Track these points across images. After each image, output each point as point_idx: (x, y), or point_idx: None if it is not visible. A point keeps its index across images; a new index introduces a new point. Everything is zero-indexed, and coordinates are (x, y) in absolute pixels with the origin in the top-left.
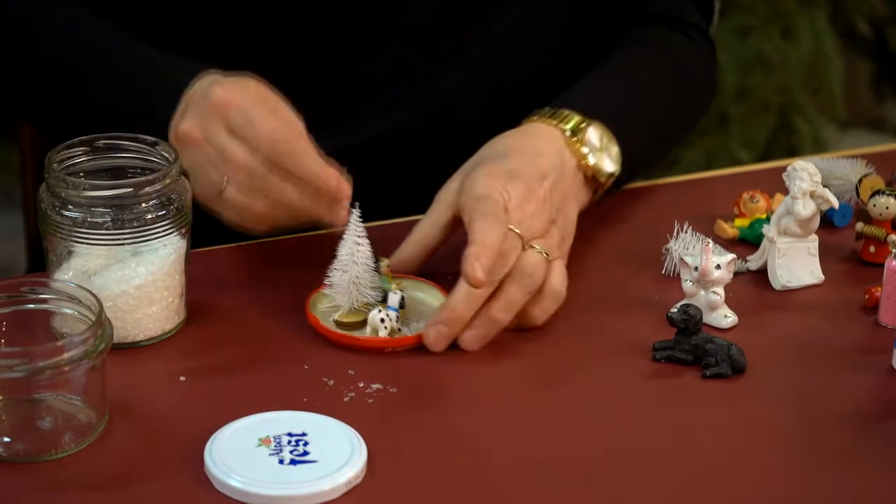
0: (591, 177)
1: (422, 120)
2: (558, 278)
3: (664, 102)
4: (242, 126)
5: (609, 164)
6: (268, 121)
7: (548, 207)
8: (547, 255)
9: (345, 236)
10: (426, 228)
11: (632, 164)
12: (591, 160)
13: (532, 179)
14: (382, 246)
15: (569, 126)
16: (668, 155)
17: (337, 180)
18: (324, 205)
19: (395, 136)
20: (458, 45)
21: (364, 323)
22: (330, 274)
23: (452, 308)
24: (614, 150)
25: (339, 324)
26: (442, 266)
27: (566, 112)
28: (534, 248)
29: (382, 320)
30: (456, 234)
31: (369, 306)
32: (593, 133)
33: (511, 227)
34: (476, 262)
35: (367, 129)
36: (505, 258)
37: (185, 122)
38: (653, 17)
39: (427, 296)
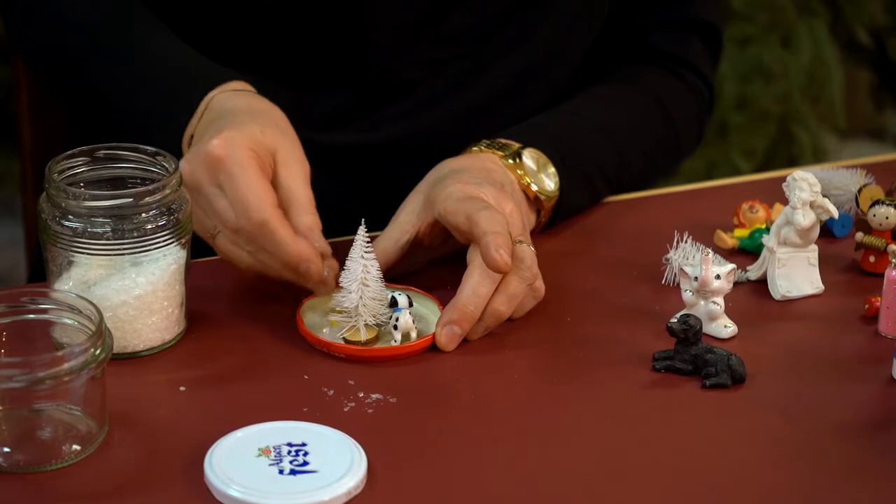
0: (535, 198)
1: (449, 124)
2: (538, 278)
3: (619, 128)
4: (227, 188)
5: (549, 183)
6: (248, 190)
7: (517, 207)
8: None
9: (351, 254)
10: (385, 244)
11: (574, 186)
12: (531, 181)
13: (496, 185)
14: None
15: (505, 153)
16: (638, 182)
17: (307, 259)
18: (303, 275)
19: (422, 138)
20: (494, 54)
21: (376, 339)
22: (338, 294)
23: (462, 307)
24: (551, 170)
25: (348, 342)
26: (437, 278)
27: (502, 141)
28: (522, 242)
29: (396, 327)
30: (414, 253)
31: (380, 325)
32: (528, 157)
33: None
34: (499, 249)
35: (395, 127)
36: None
37: (184, 165)
38: (651, 52)
39: (424, 308)
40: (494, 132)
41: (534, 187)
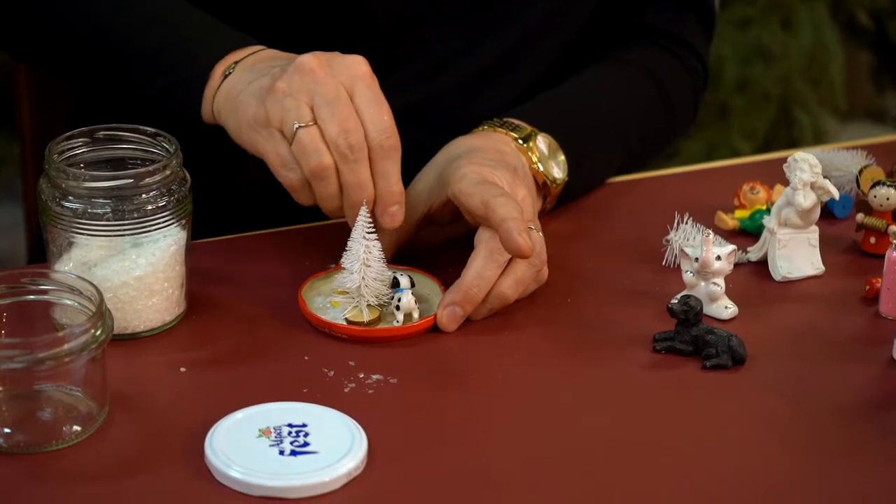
0: (542, 183)
1: (439, 101)
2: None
3: (626, 117)
4: (368, 100)
5: (557, 171)
6: (389, 113)
7: (530, 193)
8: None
9: (353, 234)
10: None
11: (581, 174)
12: (541, 167)
13: (510, 169)
14: None
15: (519, 135)
16: (635, 167)
17: (397, 203)
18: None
19: (411, 113)
20: (487, 32)
21: (378, 320)
22: (340, 275)
23: (466, 289)
24: (561, 157)
25: (350, 323)
26: (439, 260)
27: (515, 122)
28: (532, 228)
29: (398, 308)
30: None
31: (382, 306)
32: (542, 142)
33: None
34: (521, 233)
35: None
36: None
37: (310, 57)
38: (646, 30)
39: (426, 288)
40: (489, 107)
41: (543, 175)
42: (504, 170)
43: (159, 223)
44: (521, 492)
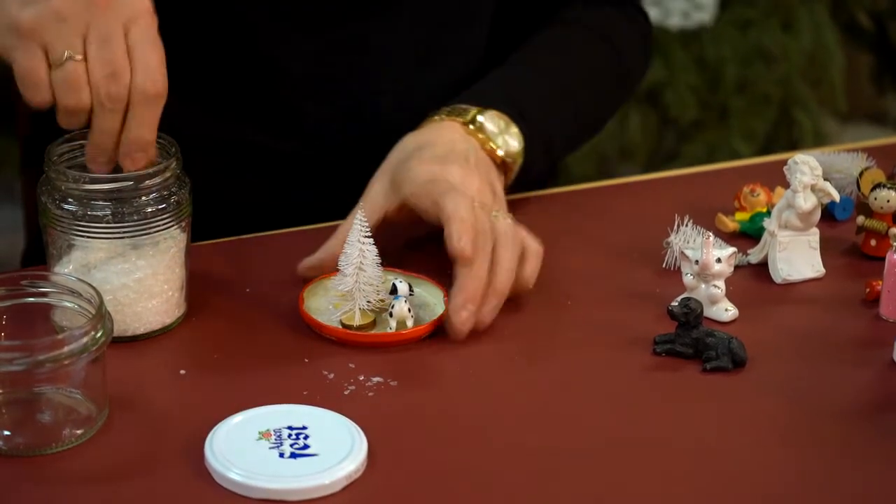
0: (501, 162)
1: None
2: (529, 238)
3: (577, 77)
4: (141, 40)
5: (513, 143)
6: (162, 63)
7: (486, 181)
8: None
9: (349, 238)
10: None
11: (541, 142)
12: (493, 145)
13: (460, 160)
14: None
15: (466, 118)
16: (597, 128)
17: (149, 145)
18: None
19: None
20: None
21: (373, 324)
22: (336, 278)
23: (465, 288)
24: (514, 129)
25: (346, 326)
26: (440, 263)
27: (461, 107)
28: (497, 215)
29: (391, 314)
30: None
31: (378, 309)
32: (489, 119)
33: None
34: (461, 238)
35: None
36: (485, 231)
37: None
38: None
39: (426, 292)
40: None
41: (499, 152)
42: (454, 163)
43: (159, 225)
44: (521, 494)
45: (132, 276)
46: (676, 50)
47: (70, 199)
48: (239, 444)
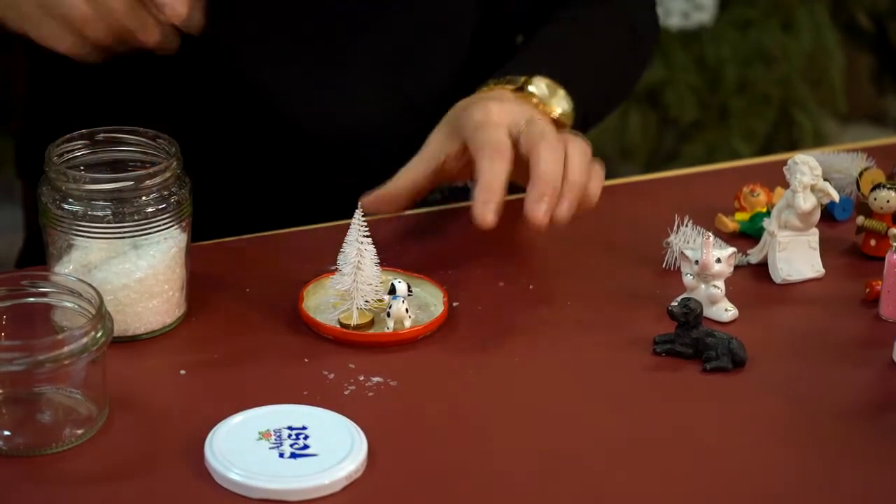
0: (555, 121)
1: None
2: (577, 151)
3: (606, 49)
4: None
5: (564, 104)
6: None
7: (537, 112)
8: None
9: (348, 237)
10: (414, 175)
11: (581, 107)
12: (547, 106)
13: (511, 101)
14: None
15: (516, 85)
16: (621, 99)
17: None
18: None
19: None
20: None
21: (371, 324)
22: (335, 277)
23: (539, 179)
24: (561, 92)
25: (344, 325)
26: (445, 266)
27: (508, 77)
28: (532, 122)
29: (388, 314)
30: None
31: (376, 309)
32: (537, 85)
33: (509, 124)
34: (485, 205)
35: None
36: (541, 134)
37: None
38: None
39: (425, 292)
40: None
41: (555, 113)
42: (507, 101)
43: (159, 225)
44: (521, 494)
45: (132, 276)
46: (676, 50)
47: (70, 199)
48: (239, 445)
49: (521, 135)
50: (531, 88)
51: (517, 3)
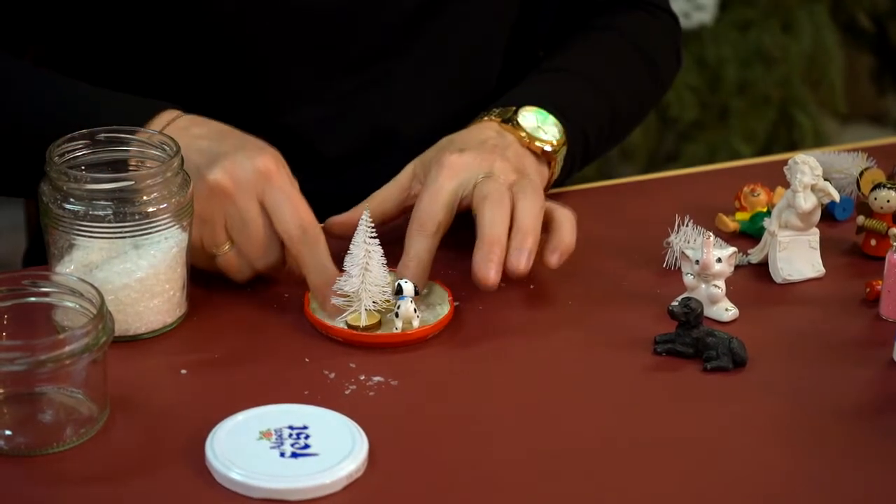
0: (542, 152)
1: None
2: (555, 204)
3: (610, 76)
4: (278, 203)
5: (552, 131)
6: (303, 206)
7: (508, 162)
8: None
9: (355, 238)
10: (384, 201)
11: (579, 132)
12: (531, 137)
13: (483, 149)
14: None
15: (504, 117)
16: (632, 124)
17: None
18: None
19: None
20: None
21: (378, 325)
22: (342, 278)
23: (484, 236)
24: (551, 120)
25: (351, 327)
26: (448, 265)
27: (496, 110)
28: (487, 177)
29: (397, 315)
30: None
31: (383, 311)
32: (526, 116)
33: (462, 181)
34: (487, 264)
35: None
36: (495, 191)
37: (218, 174)
38: (612, 1)
39: (430, 292)
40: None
41: (538, 143)
42: (475, 150)
43: (160, 225)
44: (522, 494)
45: (133, 276)
46: None
47: (71, 199)
48: (240, 444)
49: (470, 195)
50: (518, 118)
51: (544, 23)
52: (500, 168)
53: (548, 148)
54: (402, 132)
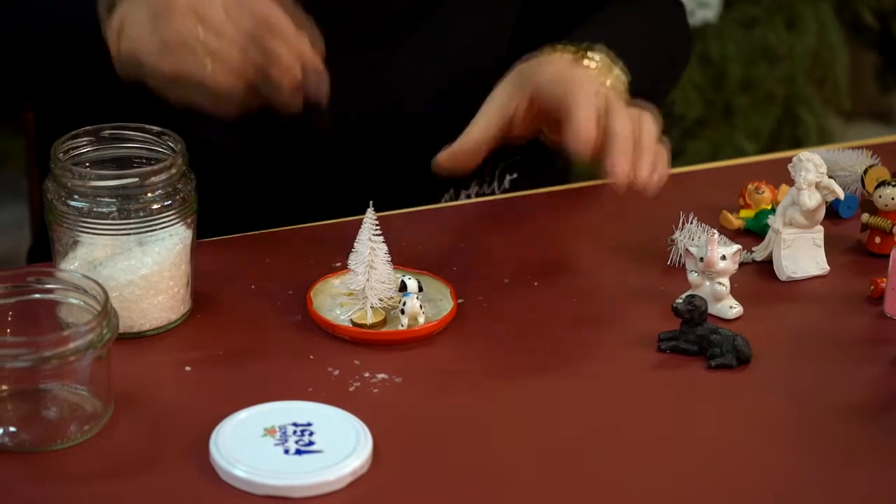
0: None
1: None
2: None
3: (653, 44)
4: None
5: (621, 77)
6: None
7: (607, 85)
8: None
9: (359, 236)
10: (477, 132)
11: (638, 84)
12: (604, 77)
13: (580, 68)
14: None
15: (573, 53)
16: (666, 93)
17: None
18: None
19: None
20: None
21: (384, 322)
22: (347, 276)
23: (615, 147)
24: (616, 68)
25: (357, 325)
26: (450, 263)
27: (567, 44)
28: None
29: (403, 312)
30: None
31: (388, 308)
32: (596, 54)
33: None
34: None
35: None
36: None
37: None
38: None
39: (432, 288)
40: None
41: (608, 83)
42: (577, 67)
43: (165, 222)
44: (525, 491)
45: (138, 273)
46: None
47: (76, 196)
48: (244, 441)
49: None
50: (589, 58)
51: (553, 13)
52: (607, 84)
53: (621, 88)
54: (405, 108)
